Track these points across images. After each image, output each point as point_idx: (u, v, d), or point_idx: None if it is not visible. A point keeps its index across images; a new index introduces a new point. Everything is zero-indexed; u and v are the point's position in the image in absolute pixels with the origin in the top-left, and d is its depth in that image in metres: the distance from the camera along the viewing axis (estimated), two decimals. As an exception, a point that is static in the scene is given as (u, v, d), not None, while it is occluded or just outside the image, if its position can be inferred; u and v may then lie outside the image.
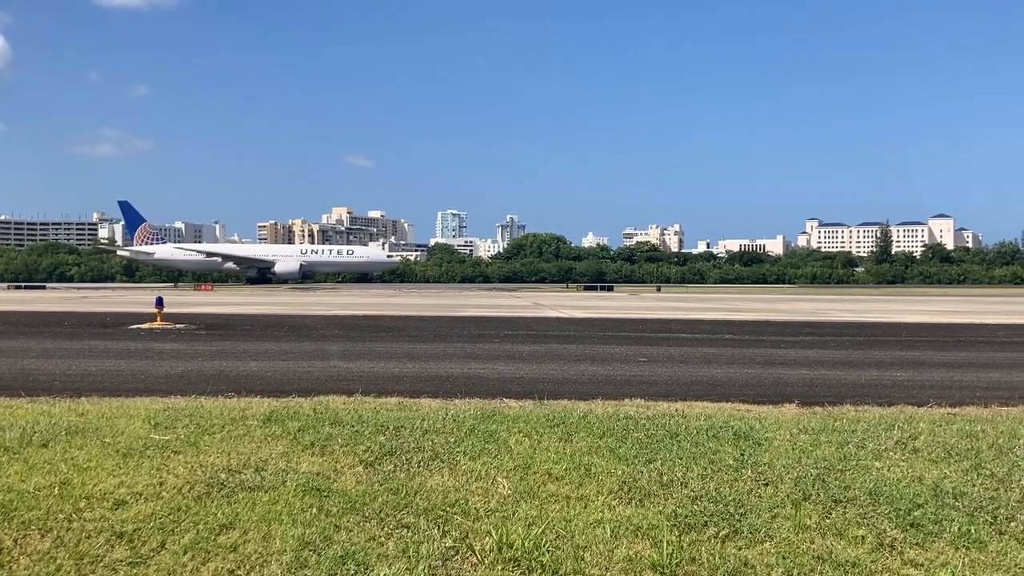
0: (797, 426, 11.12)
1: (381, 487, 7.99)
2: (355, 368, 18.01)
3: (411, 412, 11.72)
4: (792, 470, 8.72)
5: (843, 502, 7.70)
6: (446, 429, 10.52)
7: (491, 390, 14.57)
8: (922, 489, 8.10)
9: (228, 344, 23.40)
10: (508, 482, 8.18)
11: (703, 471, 8.66)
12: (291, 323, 32.58)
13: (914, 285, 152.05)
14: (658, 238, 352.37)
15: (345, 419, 11.06)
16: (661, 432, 10.55)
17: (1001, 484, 8.34)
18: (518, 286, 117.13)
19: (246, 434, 10.22)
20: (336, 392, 13.70)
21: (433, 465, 8.77)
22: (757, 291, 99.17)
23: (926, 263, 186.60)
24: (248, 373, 17.06)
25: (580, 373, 17.64)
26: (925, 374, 18.14)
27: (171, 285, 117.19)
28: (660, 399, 13.55)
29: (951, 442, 10.19)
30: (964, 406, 13.26)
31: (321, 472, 8.49)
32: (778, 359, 20.84)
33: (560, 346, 23.71)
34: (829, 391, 15.24)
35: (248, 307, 46.28)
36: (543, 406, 12.54)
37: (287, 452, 9.33)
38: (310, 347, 22.58)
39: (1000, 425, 11.38)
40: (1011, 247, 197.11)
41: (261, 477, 8.23)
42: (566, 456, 9.17)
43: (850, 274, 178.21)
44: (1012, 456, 9.48)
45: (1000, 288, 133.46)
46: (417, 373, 17.30)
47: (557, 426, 10.83)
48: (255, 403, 12.43)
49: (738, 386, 15.94)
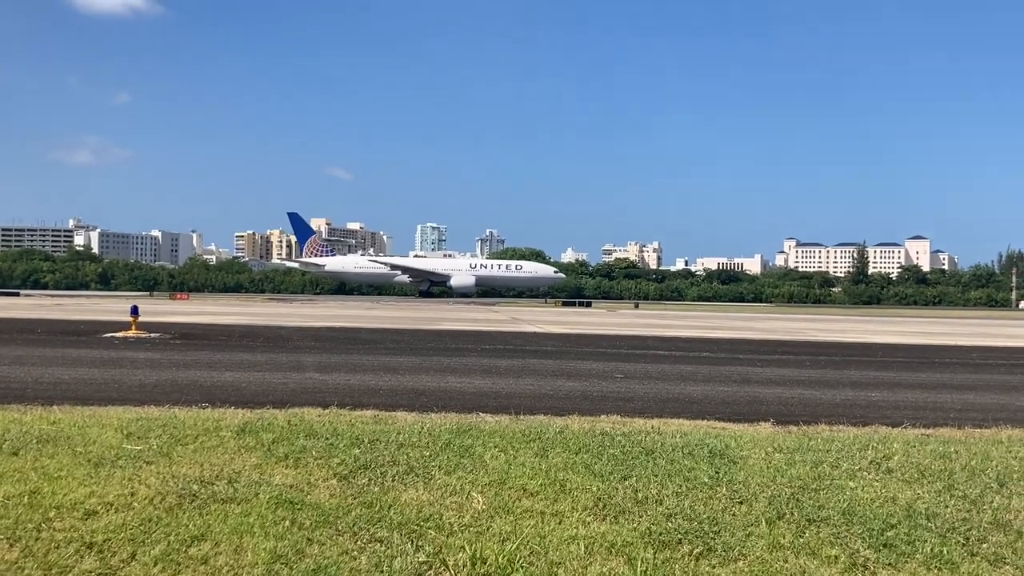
0: (772, 445, 11.15)
1: (355, 500, 7.94)
2: (331, 380, 17.93)
3: (386, 425, 11.68)
4: (767, 489, 8.74)
5: (817, 521, 7.72)
6: (421, 443, 10.49)
7: (467, 404, 14.54)
8: (895, 509, 8.14)
9: (203, 354, 23.24)
10: (483, 497, 8.15)
11: (678, 488, 8.67)
12: (267, 334, 32.43)
13: (890, 306, 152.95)
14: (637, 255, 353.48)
15: (320, 432, 11.01)
16: (637, 449, 10.55)
17: (974, 505, 8.39)
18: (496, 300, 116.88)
19: (219, 445, 10.15)
20: (311, 404, 13.63)
21: (408, 479, 8.74)
22: (734, 309, 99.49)
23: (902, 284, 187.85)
24: (222, 384, 16.94)
25: (557, 388, 17.63)
26: (900, 395, 18.25)
27: (146, 294, 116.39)
28: (636, 416, 13.57)
29: (924, 463, 10.25)
30: (938, 427, 13.35)
31: (295, 485, 8.43)
32: (754, 377, 20.92)
33: (537, 361, 23.71)
34: (804, 410, 15.30)
35: (224, 317, 46.01)
36: (519, 421, 12.54)
37: (260, 464, 9.27)
38: (286, 358, 22.47)
39: (973, 447, 11.46)
40: (986, 270, 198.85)
41: (234, 489, 8.16)
42: (541, 472, 9.16)
43: (827, 294, 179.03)
44: (984, 478, 9.54)
45: (975, 310, 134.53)
46: (393, 386, 17.24)
47: (533, 441, 10.82)
48: (229, 414, 12.36)
49: (714, 404, 15.98)
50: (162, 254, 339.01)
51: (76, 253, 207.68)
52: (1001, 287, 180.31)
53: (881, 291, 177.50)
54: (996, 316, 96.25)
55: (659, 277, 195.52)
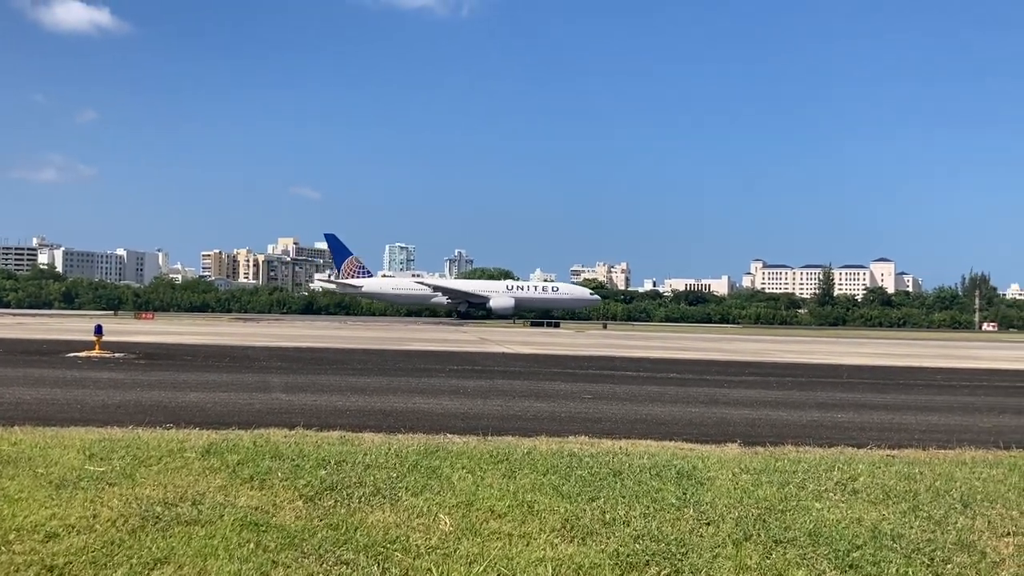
0: (739, 466, 11.20)
1: (321, 522, 7.88)
2: (297, 401, 17.81)
3: (353, 447, 11.62)
4: (734, 510, 8.77)
5: (783, 543, 7.75)
6: (388, 464, 10.43)
7: (435, 425, 14.49)
8: (861, 531, 8.19)
9: (167, 374, 23.01)
10: (450, 519, 8.11)
11: (645, 510, 8.67)
12: (233, 354, 32.17)
13: (856, 327, 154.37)
14: (605, 276, 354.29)
15: (286, 453, 10.93)
16: (604, 470, 10.55)
17: (938, 526, 8.46)
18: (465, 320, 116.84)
19: (184, 466, 10.04)
20: (277, 425, 13.52)
21: (375, 501, 8.68)
22: (702, 330, 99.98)
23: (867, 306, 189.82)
24: (187, 404, 16.78)
25: (525, 409, 17.62)
26: (865, 416, 18.39)
27: (111, 313, 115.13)
28: (604, 437, 13.57)
29: (890, 484, 10.33)
30: (903, 448, 13.46)
31: (260, 506, 8.35)
32: (721, 398, 21.01)
33: (505, 382, 23.68)
34: (771, 431, 15.37)
35: (189, 337, 45.60)
36: (487, 442, 12.51)
37: (225, 485, 9.17)
38: (252, 379, 22.29)
39: (937, 467, 11.57)
40: (950, 292, 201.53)
41: (198, 511, 8.07)
42: (509, 493, 9.13)
43: (793, 315, 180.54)
44: (949, 499, 9.62)
45: (939, 332, 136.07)
46: (360, 407, 17.15)
47: (501, 462, 10.79)
48: (194, 435, 12.23)
49: (681, 425, 16.03)
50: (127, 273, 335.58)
51: (40, 271, 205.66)
52: (965, 309, 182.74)
53: (847, 313, 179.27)
54: (960, 338, 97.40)
55: (627, 298, 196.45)
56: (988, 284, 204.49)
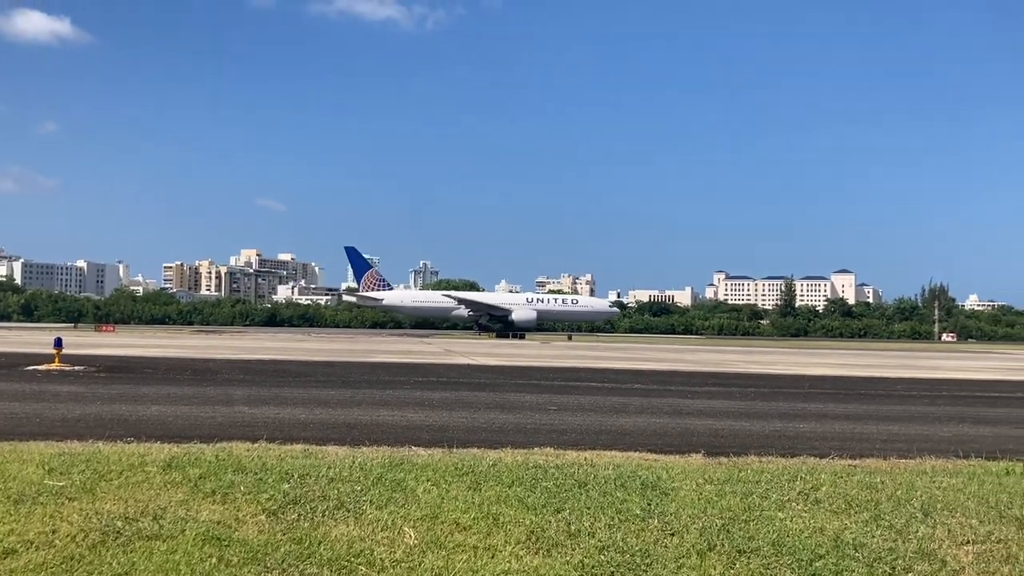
0: (703, 476, 11.25)
1: (284, 536, 7.82)
2: (260, 414, 17.67)
3: (317, 460, 11.54)
4: (698, 520, 8.81)
5: (747, 552, 7.79)
6: (352, 477, 10.37)
7: (400, 438, 14.43)
8: (823, 540, 8.25)
9: (128, 387, 22.74)
10: (415, 532, 8.07)
11: (610, 521, 8.68)
12: (195, 367, 31.87)
13: (817, 338, 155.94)
14: (570, 287, 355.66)
15: (248, 466, 10.83)
16: (570, 481, 10.56)
17: (899, 535, 8.54)
18: (430, 332, 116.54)
19: (145, 480, 9.93)
20: (240, 438, 13.41)
21: (338, 514, 8.63)
22: (666, 341, 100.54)
23: (828, 317, 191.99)
24: (148, 418, 16.60)
25: (490, 421, 17.60)
26: (827, 426, 18.56)
27: (71, 326, 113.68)
28: (569, 448, 13.59)
29: (851, 493, 10.42)
30: (864, 458, 13.59)
31: (222, 521, 8.27)
32: (685, 409, 21.11)
33: (471, 394, 23.64)
34: (734, 441, 15.47)
35: (151, 349, 45.14)
36: (452, 454, 12.48)
37: (187, 500, 9.08)
38: (214, 392, 22.09)
39: (898, 477, 11.69)
40: (910, 303, 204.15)
41: (159, 525, 7.98)
42: (474, 505, 9.11)
43: (756, 326, 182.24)
44: (910, 508, 9.73)
45: (899, 343, 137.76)
46: (324, 420, 17.05)
47: (466, 475, 10.77)
48: (155, 449, 12.11)
49: (646, 436, 16.08)
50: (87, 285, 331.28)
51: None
52: (924, 320, 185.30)
53: (808, 323, 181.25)
54: (919, 348, 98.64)
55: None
56: (947, 295, 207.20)
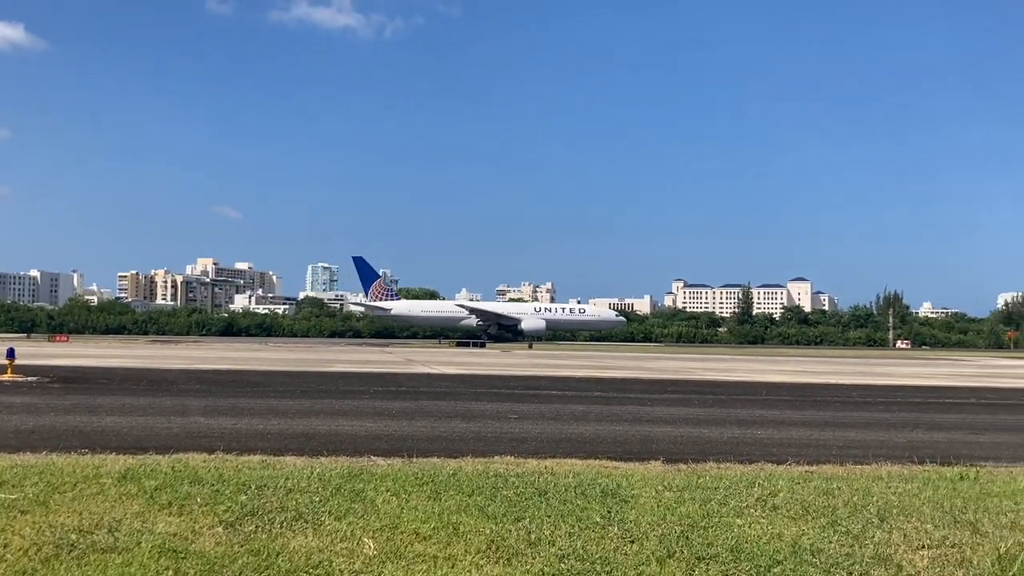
0: (662, 483, 11.30)
1: (242, 548, 7.73)
2: (217, 425, 17.49)
3: (275, 470, 11.44)
4: (657, 527, 8.83)
5: (706, 559, 7.82)
6: (311, 488, 10.29)
7: (359, 448, 14.34)
8: (781, 546, 8.31)
9: (83, 398, 22.42)
10: (374, 542, 8.02)
11: (571, 529, 8.68)
12: (150, 377, 31.49)
13: (774, 345, 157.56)
14: (530, 295, 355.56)
15: (205, 477, 10.71)
16: (530, 490, 10.56)
17: (856, 540, 8.62)
18: (389, 341, 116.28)
19: (99, 492, 9.78)
20: (196, 449, 13.26)
21: (297, 525, 8.55)
22: (625, 349, 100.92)
23: (785, 324, 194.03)
24: (103, 429, 16.37)
25: (450, 430, 17.55)
26: (784, 432, 18.73)
27: (24, 336, 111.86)
28: (530, 456, 13.59)
29: (809, 499, 10.51)
30: (821, 464, 13.72)
31: (178, 533, 8.16)
32: (645, 416, 21.20)
33: (431, 403, 23.57)
34: (693, 448, 15.56)
35: (106, 360, 44.54)
36: (412, 464, 12.43)
37: (143, 512, 8.95)
38: (170, 402, 21.83)
39: (855, 483, 11.81)
40: (864, 311, 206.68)
41: (114, 538, 7.86)
42: (434, 515, 9.07)
43: (714, 334, 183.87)
44: (866, 513, 9.83)
45: (855, 349, 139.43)
46: (282, 430, 16.91)
47: (426, 484, 10.73)
48: (110, 460, 11.94)
49: (606, 443, 16.12)
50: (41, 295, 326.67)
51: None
52: (879, 327, 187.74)
53: (765, 331, 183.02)
54: (875, 355, 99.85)
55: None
56: (901, 302, 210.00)
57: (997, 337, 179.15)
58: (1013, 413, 25.70)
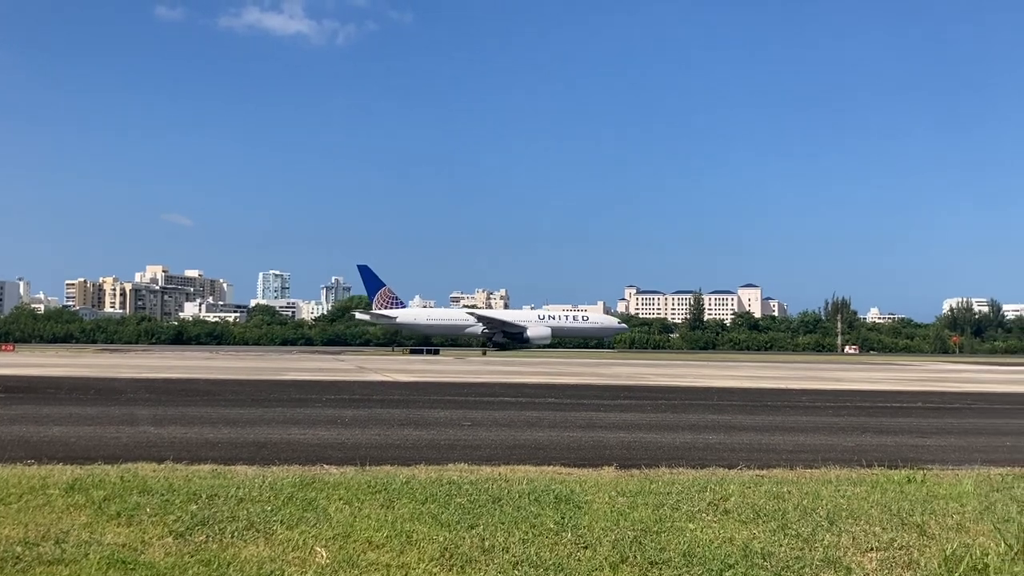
0: (615, 489, 11.35)
1: (192, 559, 7.65)
2: (167, 434, 17.27)
3: (226, 480, 11.34)
4: (610, 533, 8.88)
5: (659, 564, 7.88)
6: (263, 497, 10.21)
7: (311, 456, 14.25)
8: (733, 550, 8.39)
9: (29, 408, 22.04)
10: (327, 551, 7.98)
11: (524, 535, 8.70)
12: (98, 386, 31.01)
13: (725, 351, 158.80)
14: (484, 302, 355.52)
15: (155, 487, 10.59)
16: (484, 497, 10.56)
17: (806, 544, 8.73)
18: (342, 349, 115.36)
19: (46, 504, 9.63)
20: (146, 459, 13.10)
21: (248, 535, 8.47)
22: (579, 355, 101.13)
23: (736, 330, 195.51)
24: (50, 439, 16.10)
25: (404, 438, 17.49)
26: (735, 437, 18.90)
27: None
28: (484, 463, 13.59)
29: (759, 503, 10.63)
30: (771, 468, 13.88)
31: (127, 543, 8.06)
32: (598, 422, 21.29)
33: (384, 410, 23.47)
34: (646, 454, 15.66)
35: (52, 369, 43.78)
36: (365, 472, 12.38)
37: (91, 522, 8.83)
38: (118, 412, 21.52)
39: (804, 486, 11.97)
40: (813, 316, 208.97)
41: (61, 550, 7.74)
42: (387, 523, 9.04)
43: (666, 340, 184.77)
44: (816, 516, 9.96)
45: (804, 355, 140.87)
46: (233, 439, 16.74)
47: (379, 492, 10.69)
48: (57, 470, 11.76)
49: (560, 449, 16.17)
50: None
51: None
52: (828, 332, 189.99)
53: (716, 337, 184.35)
54: (823, 360, 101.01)
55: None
56: (849, 308, 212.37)
57: (943, 342, 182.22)
58: (958, 417, 26.18)
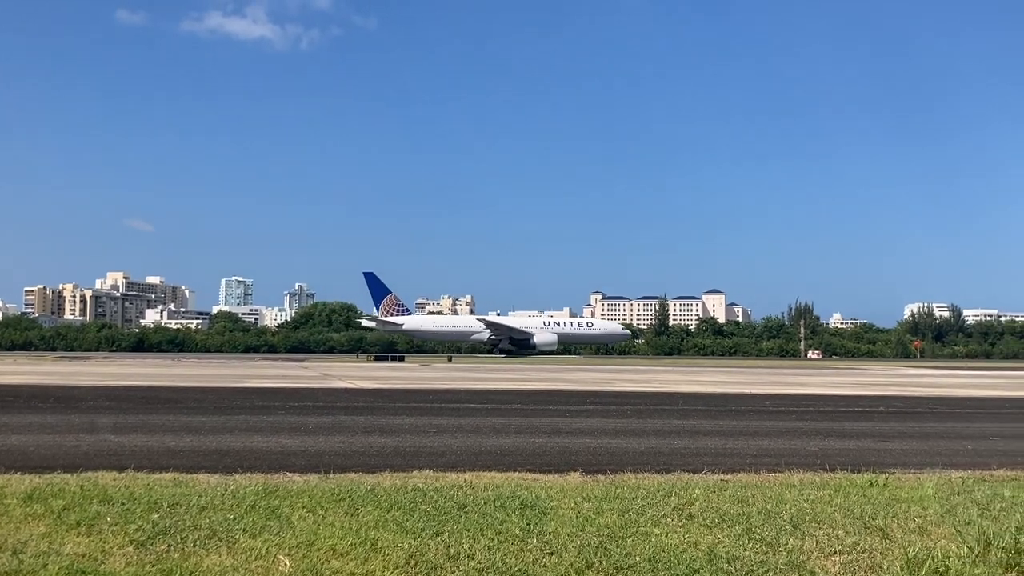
0: (581, 494, 11.36)
1: (153, 568, 7.55)
2: (127, 442, 17.06)
3: (187, 488, 11.21)
4: (576, 538, 8.87)
5: (624, 569, 7.88)
6: (225, 506, 10.10)
7: (274, 464, 14.13)
8: (698, 554, 8.42)
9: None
10: (290, 560, 7.91)
11: (490, 542, 8.67)
12: (58, 394, 30.60)
13: (690, 356, 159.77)
14: (450, 308, 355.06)
15: (115, 496, 10.45)
16: (449, 504, 10.52)
17: (770, 548, 8.78)
18: (306, 356, 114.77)
19: (3, 514, 9.48)
20: (106, 468, 12.91)
21: (210, 544, 8.38)
22: (545, 361, 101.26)
23: (700, 335, 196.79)
24: (8, 448, 15.85)
25: (368, 445, 17.40)
26: (700, 442, 18.99)
27: None
28: (449, 470, 13.54)
29: (724, 508, 10.68)
30: (736, 472, 13.95)
31: (87, 553, 7.94)
32: (564, 428, 21.31)
33: (348, 418, 23.35)
34: (611, 459, 15.68)
35: (10, 377, 43.13)
36: (329, 480, 12.30)
37: (50, 532, 8.69)
38: (78, 420, 21.23)
39: (768, 491, 12.04)
40: (777, 322, 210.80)
41: (19, 560, 7.62)
42: (352, 531, 8.98)
43: (631, 345, 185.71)
44: (780, 520, 10.02)
45: (768, 360, 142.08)
46: (195, 447, 16.58)
47: (343, 500, 10.62)
48: (15, 480, 11.58)
49: (525, 455, 16.15)
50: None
51: None
52: (791, 338, 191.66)
53: (681, 342, 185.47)
54: (787, 365, 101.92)
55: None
56: (812, 314, 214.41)
57: (904, 347, 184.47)
58: (920, 421, 26.51)
